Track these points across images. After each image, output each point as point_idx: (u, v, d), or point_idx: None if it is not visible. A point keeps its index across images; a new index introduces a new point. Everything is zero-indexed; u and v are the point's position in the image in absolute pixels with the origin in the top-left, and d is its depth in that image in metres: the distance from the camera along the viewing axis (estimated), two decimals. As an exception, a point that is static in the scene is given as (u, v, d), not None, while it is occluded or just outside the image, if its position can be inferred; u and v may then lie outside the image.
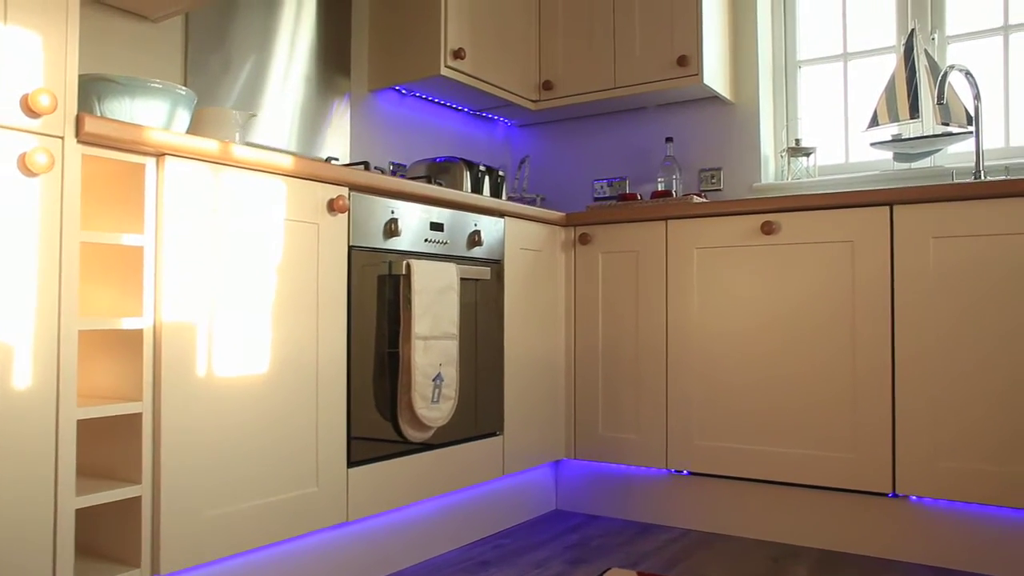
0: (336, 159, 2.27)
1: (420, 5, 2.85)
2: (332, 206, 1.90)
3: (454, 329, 2.18)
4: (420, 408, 2.07)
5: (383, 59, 2.94)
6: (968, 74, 2.59)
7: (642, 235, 2.64)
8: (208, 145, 1.62)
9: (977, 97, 2.59)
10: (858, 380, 2.27)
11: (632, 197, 3.00)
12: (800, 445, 2.35)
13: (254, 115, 2.10)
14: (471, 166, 2.91)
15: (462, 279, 2.30)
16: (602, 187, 3.44)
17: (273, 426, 1.76)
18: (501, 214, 2.50)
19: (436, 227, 2.23)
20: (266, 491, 1.74)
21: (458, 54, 2.83)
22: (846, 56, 3.15)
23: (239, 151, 1.67)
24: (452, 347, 2.17)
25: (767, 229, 2.40)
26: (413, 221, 2.16)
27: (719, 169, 3.20)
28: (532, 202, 3.50)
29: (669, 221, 2.59)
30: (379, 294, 2.06)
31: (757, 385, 2.43)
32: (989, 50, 2.89)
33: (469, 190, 2.88)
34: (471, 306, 2.36)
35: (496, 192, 3.00)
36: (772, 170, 3.20)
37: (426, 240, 2.20)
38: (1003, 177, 2.55)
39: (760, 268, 2.43)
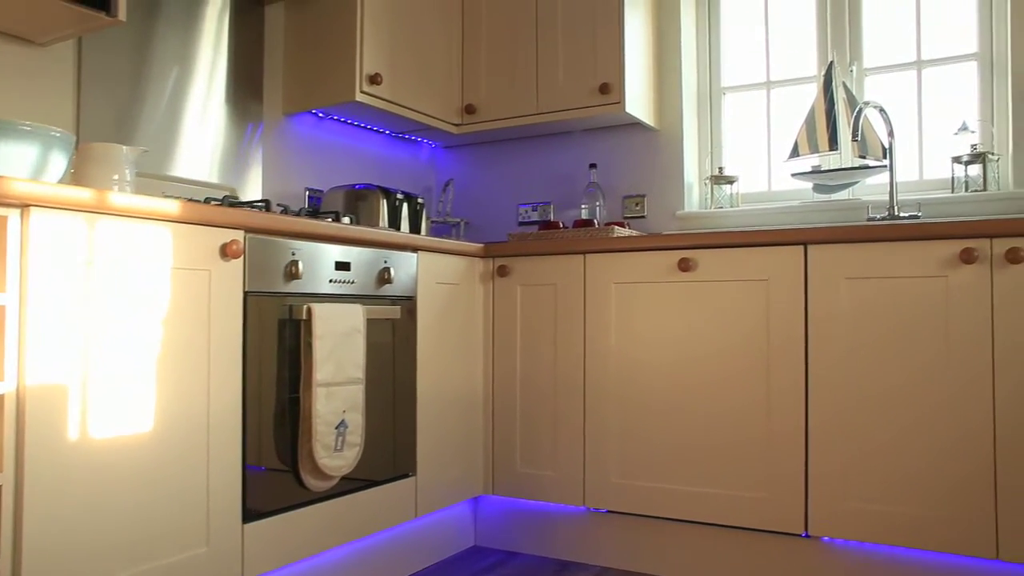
0: (235, 198, 2.17)
1: (335, 30, 2.76)
2: (225, 251, 1.81)
3: (360, 373, 2.10)
4: (322, 457, 1.99)
5: (297, 84, 2.85)
6: (882, 111, 2.60)
7: (560, 268, 2.60)
8: (80, 194, 1.51)
9: (891, 134, 2.61)
10: (772, 420, 2.26)
11: (554, 225, 2.96)
12: (716, 484, 2.33)
13: (146, 150, 2.00)
14: (388, 194, 2.84)
15: (370, 320, 2.22)
16: (527, 212, 3.39)
17: (158, 487, 1.67)
18: (414, 249, 2.42)
19: (342, 267, 2.15)
20: (149, 556, 1.64)
21: (374, 79, 2.75)
22: (769, 84, 3.15)
23: (117, 199, 1.57)
24: (358, 392, 2.09)
25: (684, 266, 2.37)
26: (316, 262, 2.07)
27: (643, 196, 3.17)
28: (456, 226, 3.44)
29: (587, 255, 2.55)
30: (279, 340, 1.97)
31: (673, 423, 2.40)
32: (905, 83, 2.91)
33: (386, 219, 2.80)
34: (381, 346, 2.29)
35: (415, 219, 2.93)
36: (696, 197, 3.19)
37: (331, 281, 2.12)
38: (915, 213, 2.57)
39: (677, 304, 2.41)
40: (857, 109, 2.55)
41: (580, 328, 2.55)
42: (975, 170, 2.66)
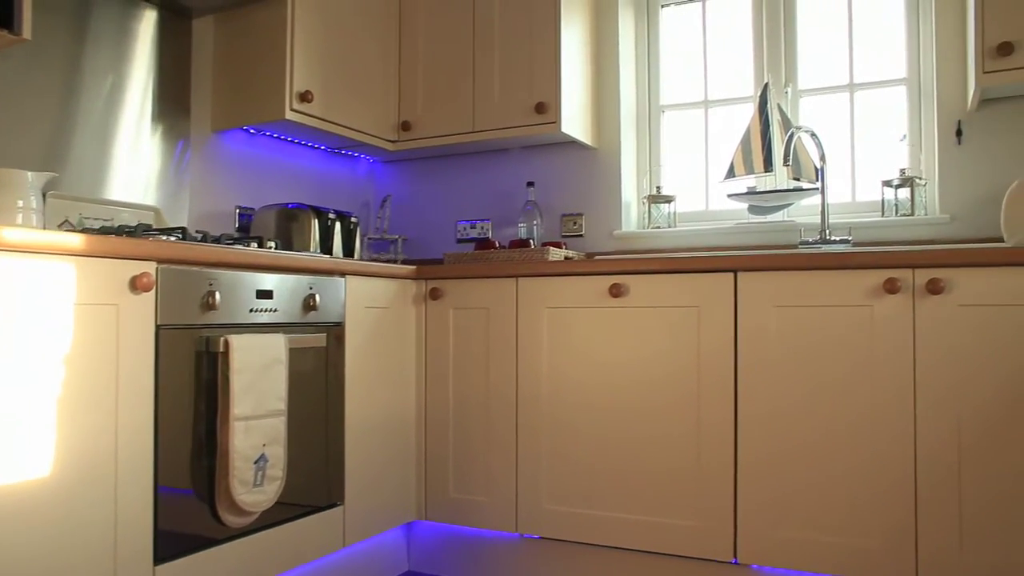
0: (148, 226, 2.09)
1: (265, 46, 2.70)
2: (135, 284, 1.74)
3: (281, 405, 2.05)
4: (240, 494, 1.93)
5: (227, 100, 2.77)
6: (814, 135, 2.61)
7: (493, 292, 2.56)
8: (-29, 231, 1.44)
9: (822, 158, 2.62)
10: (702, 447, 2.25)
11: (491, 245, 2.92)
12: (646, 511, 2.32)
13: (54, 175, 1.92)
14: (320, 214, 2.78)
15: (294, 349, 2.16)
16: (465, 228, 3.36)
17: (58, 535, 1.60)
18: (342, 273, 2.37)
19: (264, 295, 2.09)
20: (48, 607, 1.57)
21: (305, 97, 2.68)
22: (707, 103, 3.16)
23: (10, 235, 1.50)
24: (279, 424, 2.04)
25: (615, 292, 2.35)
26: (236, 291, 2.01)
27: (581, 215, 3.15)
28: (394, 243, 3.39)
29: (519, 278, 2.52)
30: (196, 374, 1.90)
31: (606, 450, 2.38)
32: (840, 105, 2.93)
33: (317, 240, 2.74)
34: (307, 375, 2.23)
35: (349, 239, 2.88)
36: (634, 216, 3.18)
37: (252, 310, 2.06)
38: (846, 237, 2.58)
39: (609, 330, 2.39)
40: (789, 134, 2.55)
41: (512, 353, 2.52)
42: (905, 193, 2.69)
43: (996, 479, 1.96)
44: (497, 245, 2.93)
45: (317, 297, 2.25)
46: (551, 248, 2.75)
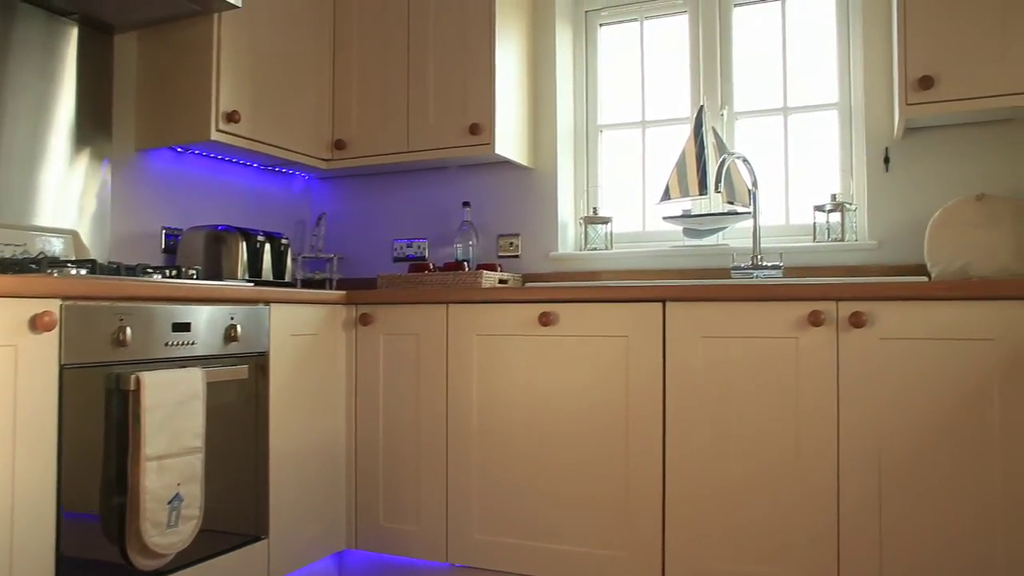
0: (56, 259, 2.01)
1: (191, 65, 2.62)
2: (35, 324, 1.67)
3: (198, 442, 1.99)
4: (152, 536, 1.87)
5: (151, 119, 2.69)
6: (746, 161, 2.62)
7: (423, 318, 2.53)
8: None
9: (754, 184, 2.63)
10: (631, 478, 2.24)
11: (424, 267, 2.89)
12: (576, 542, 2.30)
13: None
14: (248, 236, 2.72)
15: (213, 383, 2.10)
16: (402, 247, 3.31)
17: (-51, 589, 1.53)
18: (266, 302, 2.32)
19: (181, 328, 2.03)
20: (-62, 667, 1.50)
21: (232, 117, 2.62)
22: (644, 124, 3.15)
23: None
24: (196, 462, 1.98)
25: (544, 320, 2.33)
26: (150, 325, 1.95)
27: (517, 235, 3.13)
28: (329, 261, 3.33)
29: (450, 305, 2.49)
30: (106, 414, 1.84)
31: (536, 479, 2.36)
32: (775, 127, 2.95)
33: (245, 264, 2.68)
34: (228, 407, 2.17)
35: (279, 262, 2.82)
36: (571, 237, 3.16)
37: (167, 344, 2.00)
38: (777, 263, 2.60)
39: (539, 359, 2.37)
40: (721, 160, 2.56)
41: (443, 380, 2.49)
42: (836, 218, 2.71)
43: (915, 512, 1.97)
44: (431, 267, 2.89)
45: (239, 328, 2.19)
46: (484, 272, 2.72)
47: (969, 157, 2.53)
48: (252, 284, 2.38)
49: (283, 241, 2.86)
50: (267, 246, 2.80)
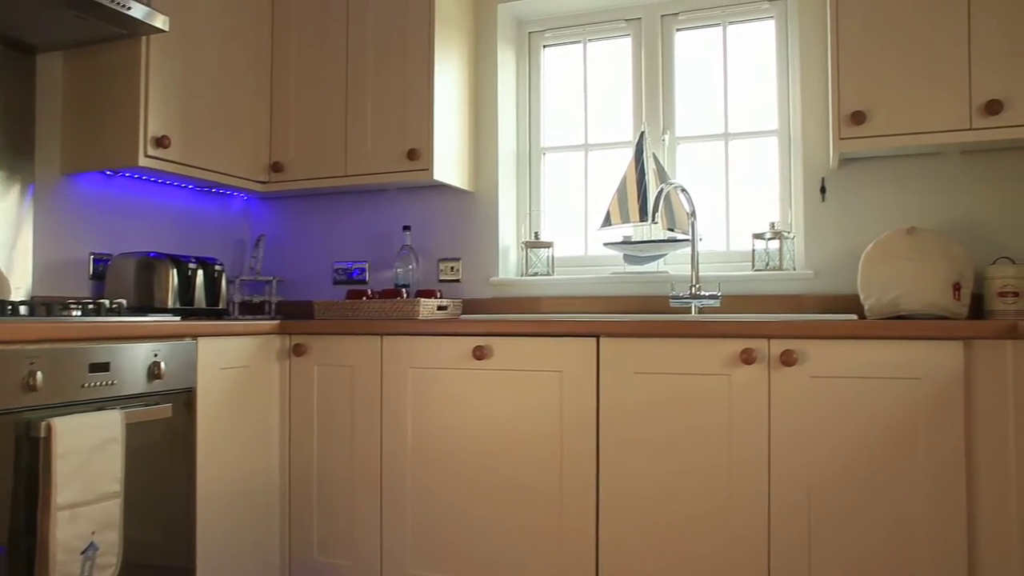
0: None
1: (118, 88, 2.54)
2: (-64, 373, 1.60)
3: (116, 487, 1.92)
4: (65, 588, 1.80)
5: (77, 142, 2.61)
6: (684, 190, 2.61)
7: (358, 349, 2.48)
8: None
9: (692, 214, 2.62)
10: (564, 514, 2.22)
11: (362, 294, 2.84)
12: (510, 575, 2.28)
13: None
14: (179, 263, 2.65)
15: (133, 424, 2.04)
16: (342, 270, 3.26)
17: None
18: (193, 336, 2.25)
19: (99, 368, 1.97)
20: None
21: (161, 142, 2.55)
22: (587, 147, 3.14)
23: None
24: (114, 508, 1.91)
25: (478, 354, 2.30)
26: (63, 367, 1.88)
27: (458, 259, 3.09)
28: (268, 284, 3.26)
29: (384, 336, 2.45)
30: (16, 462, 1.77)
31: (470, 513, 2.33)
32: (716, 153, 2.95)
33: (176, 292, 2.61)
34: (152, 447, 2.11)
35: (212, 289, 2.75)
36: (513, 261, 3.14)
37: (84, 386, 1.93)
38: (715, 293, 2.59)
39: (473, 392, 2.34)
40: (659, 190, 2.55)
41: (377, 413, 2.45)
42: (775, 245, 2.71)
43: (843, 548, 1.98)
44: (369, 293, 2.84)
45: (163, 365, 2.13)
46: (421, 300, 2.69)
47: (903, 189, 2.56)
48: (179, 318, 2.31)
49: (217, 267, 2.79)
50: (200, 272, 2.73)
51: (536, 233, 3.08)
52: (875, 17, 2.29)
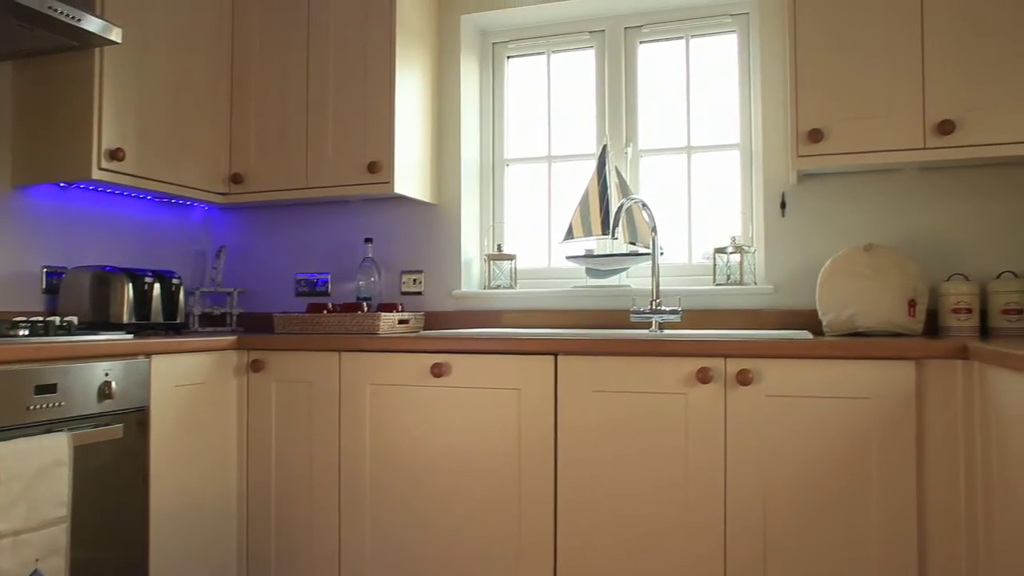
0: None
1: (71, 100, 2.50)
2: None
3: (62, 511, 1.89)
4: (8, 616, 1.77)
5: (28, 154, 2.56)
6: (645, 206, 2.61)
7: (316, 365, 2.46)
8: None
9: (654, 230, 2.62)
10: (523, 531, 2.22)
11: (322, 308, 2.81)
12: (469, 597, 2.27)
13: None
14: (135, 278, 2.61)
15: (81, 447, 2.00)
16: (304, 281, 3.23)
17: None
18: (146, 354, 2.22)
19: (45, 389, 1.93)
20: None
21: (115, 155, 2.51)
22: (551, 159, 3.13)
23: None
24: (59, 533, 1.88)
25: (437, 371, 2.29)
26: (6, 390, 1.84)
27: (421, 272, 3.08)
28: (229, 295, 3.23)
29: (343, 353, 2.43)
30: (-46, 486, 1.73)
31: (429, 534, 2.32)
32: (679, 166, 2.96)
33: (132, 307, 2.57)
34: (103, 469, 2.07)
35: (170, 303, 2.72)
36: (476, 273, 3.12)
37: (30, 408, 1.89)
38: (675, 308, 2.59)
39: (431, 410, 2.32)
40: (619, 206, 2.55)
41: (335, 431, 2.43)
42: (736, 260, 2.72)
43: (799, 566, 1.99)
44: (330, 307, 2.82)
45: (114, 384, 2.09)
46: (382, 315, 2.67)
47: (862, 205, 2.57)
48: (132, 336, 2.28)
49: (174, 281, 2.76)
50: (156, 286, 2.69)
51: (499, 245, 3.07)
52: (833, 38, 2.30)
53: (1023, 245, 2.44)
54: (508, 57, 3.21)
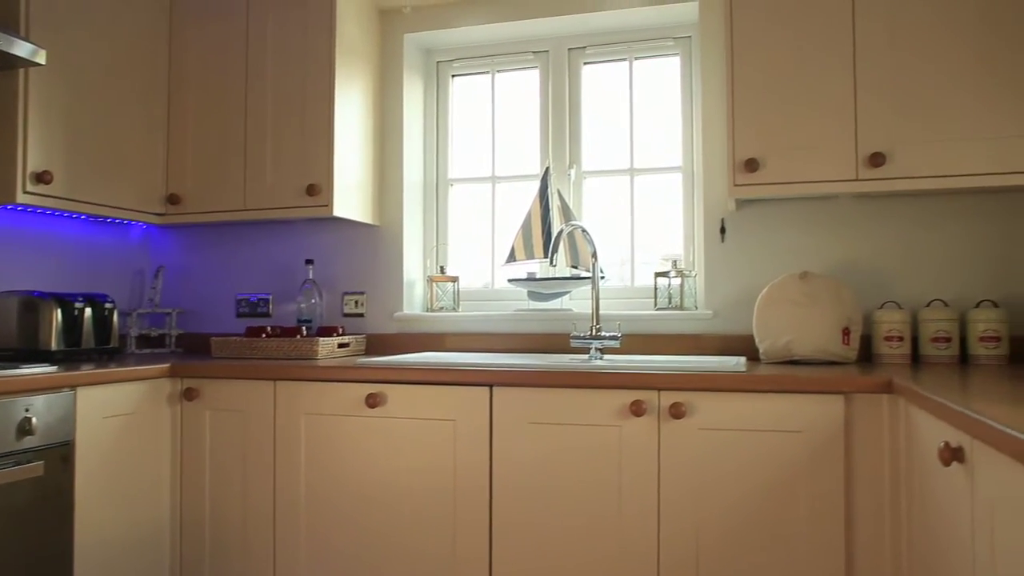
0: None
1: (-6, 120, 2.43)
2: None
3: (-23, 555, 1.83)
4: (-82, 667, 1.71)
5: (-49, 176, 2.48)
6: (584, 232, 2.61)
7: (251, 394, 2.42)
8: None
9: (594, 255, 2.62)
10: (457, 564, 2.20)
11: (261, 330, 2.77)
12: (405, 629, 2.25)
13: None
14: (64, 303, 2.55)
15: (2, 485, 1.94)
16: (245, 302, 3.18)
17: None
18: (71, 386, 2.16)
19: (-40, 429, 1.87)
20: None
21: (42, 177, 2.44)
22: (495, 179, 3.12)
23: None
24: (-26, 577, 1.82)
25: (371, 402, 2.26)
26: (-81, 432, 1.78)
27: (363, 294, 3.04)
28: (168, 316, 3.16)
29: (277, 382, 2.39)
30: None
31: (363, 563, 2.29)
32: (622, 188, 2.96)
33: (61, 334, 2.51)
34: (22, 510, 2.01)
35: (103, 329, 2.66)
36: (419, 294, 3.10)
37: (-58, 449, 1.83)
38: (615, 334, 2.59)
39: (367, 440, 2.29)
40: (558, 232, 2.54)
41: (270, 461, 2.39)
42: (677, 284, 2.73)
43: (729, 602, 2.00)
44: (269, 330, 2.78)
45: (35, 420, 2.03)
46: (320, 339, 2.63)
47: (799, 231, 2.60)
48: (56, 368, 2.22)
49: (107, 305, 2.69)
50: (88, 311, 2.63)
51: (442, 267, 3.05)
52: (769, 70, 2.32)
53: (952, 274, 2.48)
54: (453, 76, 3.19)
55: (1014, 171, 2.12)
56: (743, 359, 2.40)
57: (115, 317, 2.71)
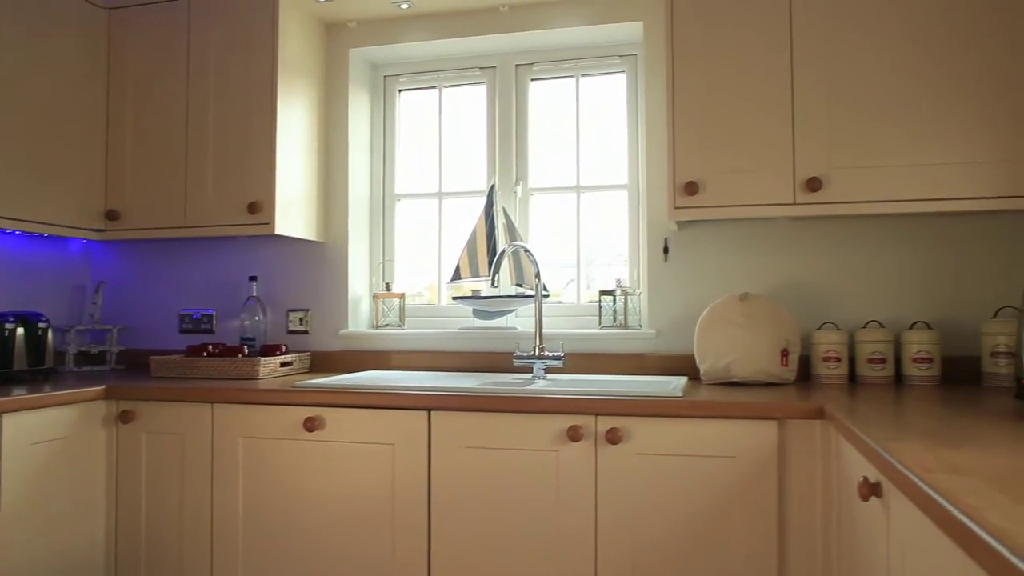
0: None
1: (-80, 136, 2.37)
2: None
3: None
4: None
5: None
6: (527, 251, 2.61)
7: (188, 417, 2.38)
8: None
9: (537, 276, 2.62)
10: (397, 589, 2.19)
11: (202, 348, 2.73)
12: (343, 655, 2.22)
13: None
14: (-5, 324, 2.48)
15: (-81, 516, 1.89)
16: (189, 318, 3.13)
17: None
18: (-3, 413, 2.11)
19: None
20: None
21: (-28, 196, 2.38)
22: (441, 195, 3.10)
23: None
24: None
25: (309, 425, 2.24)
26: None
27: (308, 311, 3.01)
28: (109, 332, 3.11)
29: (215, 404, 2.36)
30: None
31: (302, 590, 2.27)
32: (569, 205, 2.96)
33: (-12, 355, 2.44)
34: (-57, 538, 1.96)
35: (37, 350, 2.60)
36: (365, 311, 3.07)
37: None
38: (558, 353, 2.59)
39: (305, 464, 2.27)
40: (500, 252, 2.53)
41: (208, 485, 2.35)
42: (621, 303, 2.74)
43: (664, 627, 2.01)
44: (211, 348, 2.74)
45: (-42, 448, 1.98)
46: (262, 359, 2.60)
47: (739, 252, 2.62)
48: (-17, 392, 2.16)
49: (41, 324, 2.64)
50: (19, 331, 2.57)
51: (388, 284, 3.03)
52: (709, 95, 2.33)
53: (888, 295, 2.51)
54: (400, 90, 3.17)
55: (941, 197, 2.15)
56: (683, 380, 2.42)
57: (49, 336, 2.66)
